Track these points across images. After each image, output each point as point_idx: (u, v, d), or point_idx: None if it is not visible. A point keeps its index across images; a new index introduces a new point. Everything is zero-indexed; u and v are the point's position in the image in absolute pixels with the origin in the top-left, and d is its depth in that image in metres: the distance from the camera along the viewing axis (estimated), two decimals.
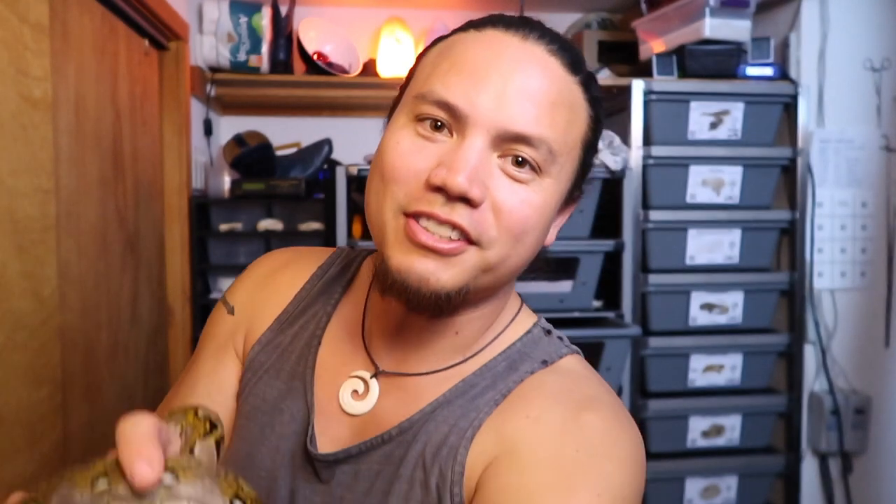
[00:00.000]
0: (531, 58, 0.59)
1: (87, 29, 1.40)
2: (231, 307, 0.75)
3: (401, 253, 0.57)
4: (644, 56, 1.98)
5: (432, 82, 0.59)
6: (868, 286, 1.96)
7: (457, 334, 0.65)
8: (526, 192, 0.58)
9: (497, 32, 0.60)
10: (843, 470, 1.96)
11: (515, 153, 0.57)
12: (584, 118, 0.63)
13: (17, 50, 1.09)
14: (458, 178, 0.54)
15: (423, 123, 0.58)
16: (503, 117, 0.56)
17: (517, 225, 0.58)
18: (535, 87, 0.58)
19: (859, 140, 1.94)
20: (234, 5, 2.17)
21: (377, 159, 0.61)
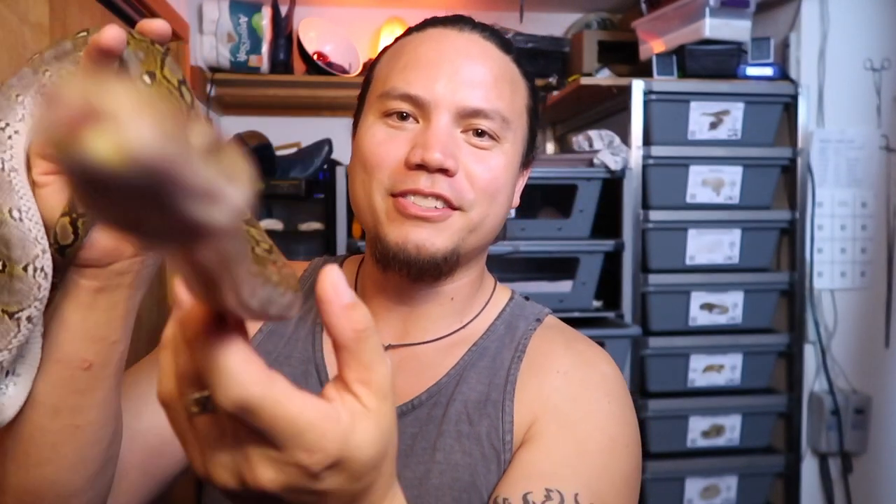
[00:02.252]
0: (471, 45, 0.70)
1: None
2: None
3: (396, 227, 0.66)
4: (644, 56, 1.98)
5: (392, 81, 0.68)
6: (868, 286, 1.96)
7: (452, 300, 0.73)
8: (490, 158, 0.68)
9: (437, 30, 0.71)
10: (843, 470, 1.96)
11: (475, 126, 0.67)
12: (523, 88, 0.73)
13: (17, 50, 1.09)
14: (434, 154, 0.64)
15: (390, 117, 0.68)
16: (459, 97, 0.66)
17: (490, 185, 0.68)
18: (480, 67, 0.68)
19: (859, 140, 1.94)
20: (234, 5, 2.17)
21: (357, 154, 0.70)
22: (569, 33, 2.40)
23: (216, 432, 0.33)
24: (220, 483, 0.34)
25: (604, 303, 1.85)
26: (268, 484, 0.32)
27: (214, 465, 0.34)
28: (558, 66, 2.23)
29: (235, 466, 0.33)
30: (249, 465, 0.32)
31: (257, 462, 0.32)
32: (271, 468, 0.32)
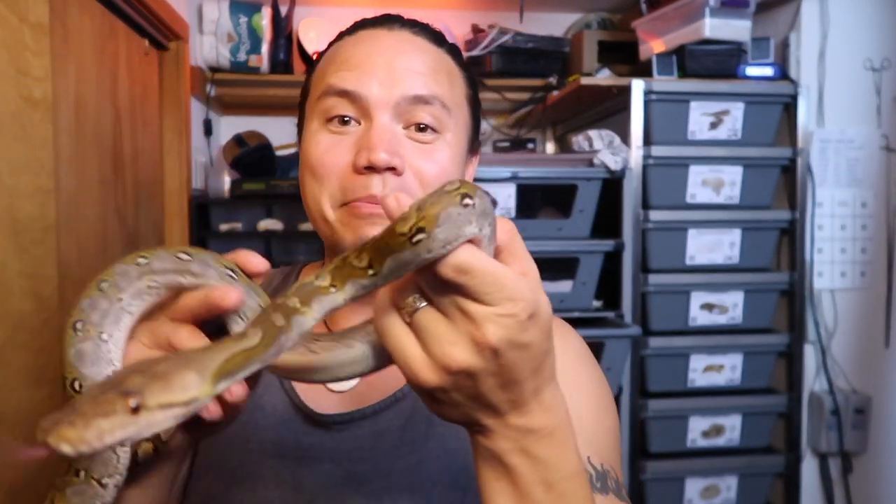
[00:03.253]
0: (402, 40, 0.70)
1: (87, 29, 1.40)
2: None
3: (351, 229, 0.66)
4: (644, 56, 1.98)
5: (328, 80, 0.68)
6: (868, 286, 1.96)
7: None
8: (435, 151, 0.68)
9: (367, 31, 0.71)
10: (843, 470, 1.96)
11: (416, 120, 0.67)
12: (461, 78, 0.74)
13: (17, 50, 1.09)
14: (380, 154, 0.63)
15: (332, 122, 0.68)
16: (397, 90, 0.66)
17: (438, 179, 0.67)
18: (414, 59, 0.68)
19: (859, 140, 1.94)
20: (234, 5, 2.17)
21: (304, 162, 0.70)
22: (569, 33, 2.40)
23: (435, 318, 0.41)
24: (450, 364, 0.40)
25: (604, 303, 1.85)
26: (492, 338, 0.39)
27: (442, 346, 0.40)
28: (558, 66, 2.23)
29: (460, 338, 0.40)
30: (476, 325, 0.39)
31: (481, 321, 0.39)
32: (492, 323, 0.39)
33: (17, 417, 1.10)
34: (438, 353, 0.40)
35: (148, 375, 0.36)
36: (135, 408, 0.34)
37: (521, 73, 2.22)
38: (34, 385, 1.15)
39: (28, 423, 1.13)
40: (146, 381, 0.35)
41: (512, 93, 2.26)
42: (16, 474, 1.09)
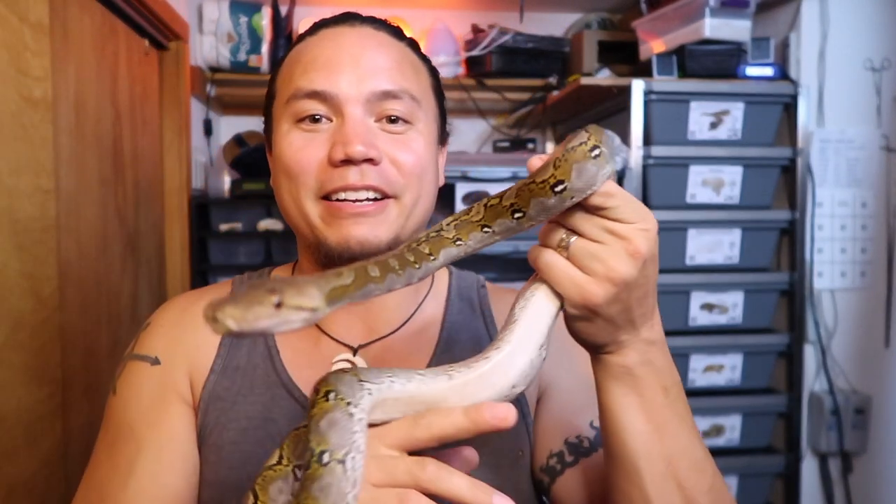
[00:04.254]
0: (365, 36, 0.71)
1: (87, 29, 1.40)
2: (153, 358, 0.72)
3: (334, 230, 0.66)
4: (644, 56, 1.98)
5: (296, 83, 0.68)
6: (868, 286, 1.96)
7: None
8: (408, 141, 0.69)
9: (329, 30, 0.72)
10: (843, 470, 1.96)
11: (388, 113, 0.68)
12: (425, 70, 0.75)
13: (17, 50, 1.09)
14: (356, 147, 0.64)
15: (303, 122, 0.68)
16: (366, 86, 0.67)
17: (415, 167, 0.68)
18: (379, 55, 0.69)
19: (859, 140, 1.94)
20: (234, 5, 2.17)
21: (278, 165, 0.70)
22: (569, 33, 2.40)
23: (590, 244, 0.49)
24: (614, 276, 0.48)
25: None
26: (643, 248, 0.49)
27: (605, 262, 0.48)
28: (558, 66, 2.23)
29: (617, 253, 0.48)
30: (628, 240, 0.48)
31: (632, 236, 0.48)
32: (639, 236, 0.48)
33: (17, 417, 1.10)
34: (603, 270, 0.48)
35: (284, 283, 0.42)
36: (277, 304, 0.41)
37: (521, 73, 2.22)
38: (34, 385, 1.15)
39: (27, 422, 1.13)
40: (284, 286, 0.42)
41: (512, 93, 2.26)
42: (16, 474, 1.09)
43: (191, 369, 0.72)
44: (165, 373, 0.71)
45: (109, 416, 0.71)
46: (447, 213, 1.99)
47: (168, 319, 0.75)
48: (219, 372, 0.72)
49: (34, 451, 1.15)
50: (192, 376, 0.72)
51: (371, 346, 0.73)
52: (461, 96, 2.26)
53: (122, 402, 0.70)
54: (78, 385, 1.33)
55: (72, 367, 1.30)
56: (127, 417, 0.69)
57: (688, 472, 0.56)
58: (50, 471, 1.20)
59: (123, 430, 0.69)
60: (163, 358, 0.71)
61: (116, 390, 0.71)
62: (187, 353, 0.72)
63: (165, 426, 0.69)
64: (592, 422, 0.69)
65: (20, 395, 1.10)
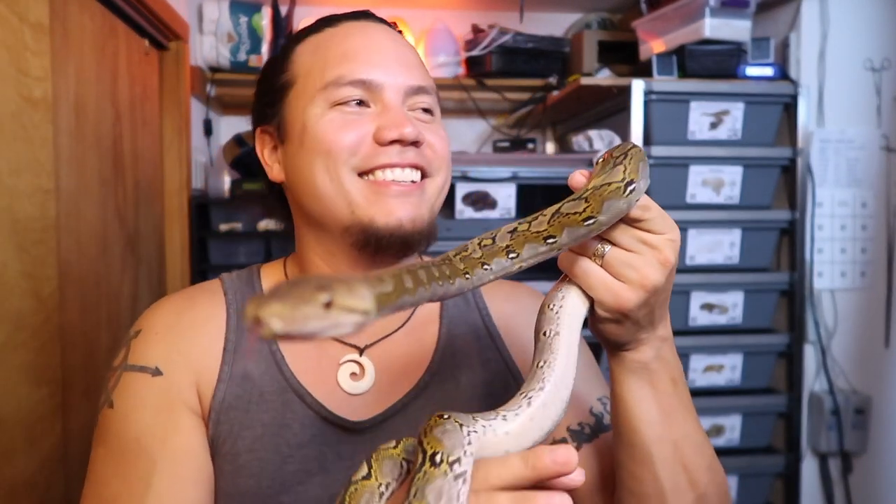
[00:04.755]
0: (388, 34, 0.75)
1: (87, 29, 1.40)
2: (154, 368, 0.68)
3: (381, 206, 0.68)
4: (644, 56, 1.98)
5: (335, 70, 0.70)
6: (868, 286, 1.96)
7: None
8: (437, 129, 0.74)
9: (351, 23, 0.74)
10: (843, 470, 1.96)
11: (418, 105, 0.73)
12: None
13: (17, 50, 1.09)
14: (408, 129, 0.68)
15: (344, 105, 0.70)
16: (404, 78, 0.71)
17: (445, 151, 0.74)
18: (406, 52, 0.74)
19: (859, 140, 1.94)
20: (234, 5, 2.17)
21: (312, 145, 0.69)
22: (569, 33, 2.40)
23: (624, 254, 0.53)
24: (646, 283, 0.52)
25: None
26: (671, 257, 0.52)
27: (639, 270, 0.52)
28: (558, 66, 2.23)
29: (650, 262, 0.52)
30: (659, 250, 0.52)
31: (662, 246, 0.52)
32: (668, 246, 0.53)
33: (18, 417, 1.10)
34: (637, 277, 0.52)
35: (333, 280, 0.38)
36: (327, 303, 0.37)
37: (521, 73, 2.22)
38: (34, 385, 1.15)
39: (27, 422, 1.13)
40: (334, 283, 0.38)
41: (512, 93, 2.26)
42: (16, 474, 1.09)
43: (196, 378, 0.69)
44: (169, 383, 0.68)
45: (107, 431, 0.67)
46: (447, 213, 1.97)
47: (162, 325, 0.72)
48: (227, 380, 0.70)
49: (34, 451, 1.14)
50: (199, 386, 0.69)
51: (375, 345, 0.73)
52: (461, 96, 2.26)
53: (122, 415, 0.67)
54: (78, 385, 1.33)
55: (72, 367, 1.30)
56: (131, 432, 0.66)
57: (691, 454, 0.61)
58: (50, 471, 1.20)
59: (130, 446, 0.66)
60: (164, 368, 0.69)
61: (114, 404, 0.68)
62: (190, 362, 0.70)
63: (178, 439, 0.66)
64: (592, 408, 0.73)
65: (20, 395, 1.10)
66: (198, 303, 0.74)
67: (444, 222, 1.77)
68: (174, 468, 0.65)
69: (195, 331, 0.71)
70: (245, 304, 0.38)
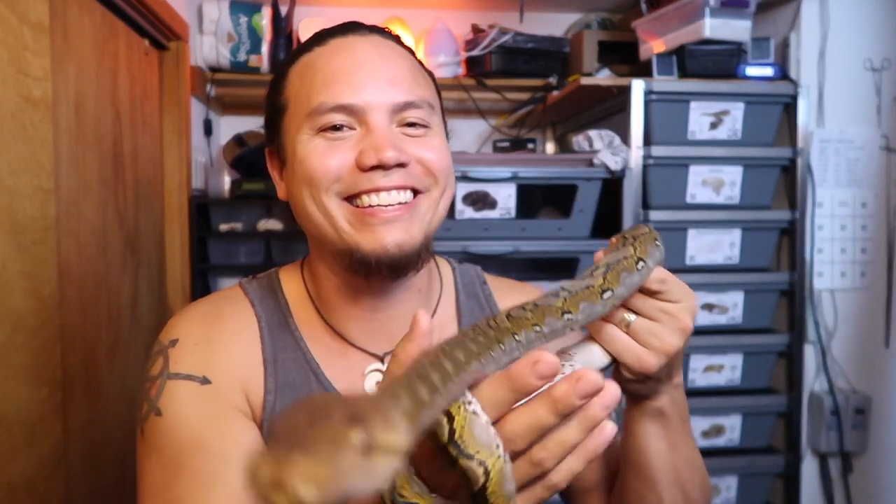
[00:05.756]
0: (378, 46, 0.73)
1: (87, 29, 1.40)
2: (201, 377, 0.69)
3: (367, 234, 0.68)
4: (644, 56, 1.98)
5: (317, 97, 0.69)
6: (868, 286, 1.96)
7: (419, 291, 0.77)
8: (429, 140, 0.72)
9: (339, 39, 0.73)
10: (843, 470, 1.96)
11: (408, 120, 0.71)
12: (426, 74, 0.77)
13: (17, 50, 1.09)
14: (388, 153, 0.66)
15: (325, 132, 0.69)
16: (389, 96, 0.69)
17: (440, 164, 0.72)
18: (394, 65, 0.72)
19: (859, 140, 1.94)
20: (234, 5, 2.17)
21: (297, 173, 0.70)
22: (569, 33, 2.40)
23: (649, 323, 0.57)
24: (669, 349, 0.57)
25: None
26: (690, 324, 0.58)
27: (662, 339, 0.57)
28: (558, 66, 2.23)
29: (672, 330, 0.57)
30: (679, 319, 0.57)
31: (682, 315, 0.57)
32: (687, 314, 0.58)
33: (18, 417, 1.10)
34: (659, 344, 0.57)
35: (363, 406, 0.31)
36: (365, 446, 0.29)
37: (521, 73, 2.22)
38: (33, 385, 1.15)
39: (27, 422, 1.13)
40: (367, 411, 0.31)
41: (512, 93, 2.26)
42: (16, 474, 1.09)
43: (244, 388, 0.71)
44: (220, 391, 0.69)
45: (159, 438, 0.67)
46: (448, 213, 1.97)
47: (198, 335, 0.72)
48: (274, 391, 0.71)
49: (34, 451, 1.14)
50: (248, 395, 0.71)
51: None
52: (461, 96, 2.26)
53: (175, 421, 0.67)
54: (78, 385, 1.33)
55: (72, 367, 1.30)
56: (189, 436, 0.66)
57: (688, 475, 0.69)
58: (50, 471, 1.20)
59: (190, 448, 0.66)
60: (211, 377, 0.70)
61: (162, 412, 0.68)
62: (235, 372, 0.71)
63: (243, 439, 0.67)
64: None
65: (20, 395, 1.10)
66: (227, 314, 0.75)
67: (444, 222, 1.76)
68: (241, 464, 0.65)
69: (231, 343, 0.72)
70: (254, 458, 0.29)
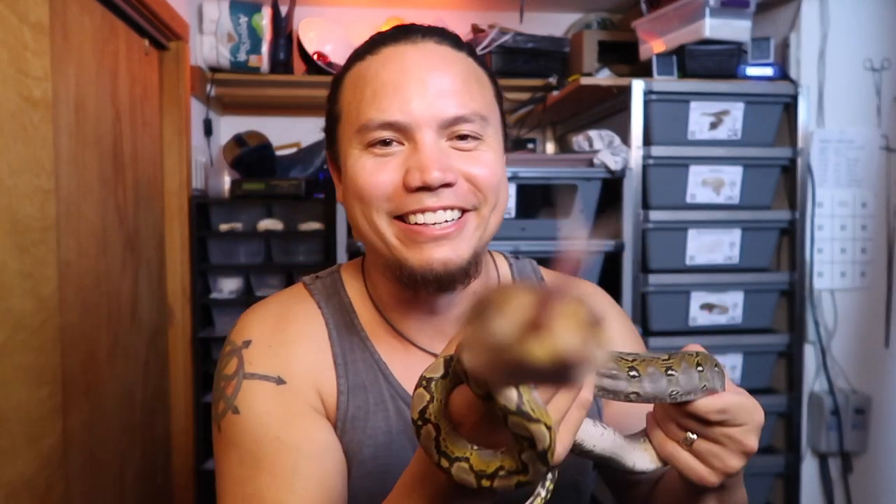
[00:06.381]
0: (430, 55, 0.70)
1: (87, 29, 1.40)
2: (276, 377, 0.71)
3: (416, 252, 0.68)
4: (644, 56, 1.98)
5: (367, 113, 0.68)
6: (868, 286, 1.96)
7: (475, 293, 0.76)
8: (480, 155, 0.70)
9: (391, 48, 0.71)
10: (843, 470, 1.96)
11: (458, 133, 0.69)
12: (487, 80, 0.74)
13: (17, 50, 1.09)
14: (433, 174, 0.65)
15: (374, 147, 0.68)
16: (437, 111, 0.67)
17: (490, 181, 0.70)
18: (446, 76, 0.69)
19: (859, 140, 1.94)
20: (234, 5, 2.17)
21: (350, 189, 0.71)
22: (569, 33, 2.40)
23: (712, 446, 0.60)
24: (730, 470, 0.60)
25: None
26: (754, 445, 0.60)
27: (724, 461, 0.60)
28: (558, 66, 2.23)
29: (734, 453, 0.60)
30: (742, 443, 0.59)
31: (745, 439, 0.59)
32: (752, 435, 0.59)
33: (18, 417, 1.10)
34: (721, 466, 0.60)
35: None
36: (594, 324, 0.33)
37: (521, 73, 2.22)
38: (33, 385, 1.15)
39: (27, 422, 1.13)
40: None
41: (512, 93, 2.26)
42: (16, 474, 1.09)
43: (318, 388, 0.72)
44: (296, 391, 0.71)
45: (238, 435, 0.69)
46: None
47: (273, 338, 0.74)
48: (347, 392, 0.72)
49: (34, 451, 1.14)
50: (323, 397, 0.72)
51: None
52: None
53: (254, 419, 0.69)
54: (78, 385, 1.33)
55: (72, 367, 1.30)
56: (269, 433, 0.68)
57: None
58: (50, 471, 1.20)
59: (271, 444, 0.67)
60: (287, 378, 0.71)
61: (239, 410, 0.69)
62: (309, 372, 0.72)
63: (320, 436, 0.69)
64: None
65: (20, 395, 1.10)
66: (295, 315, 0.76)
67: None
68: (321, 460, 0.67)
69: (302, 346, 0.73)
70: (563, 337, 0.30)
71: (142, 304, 1.72)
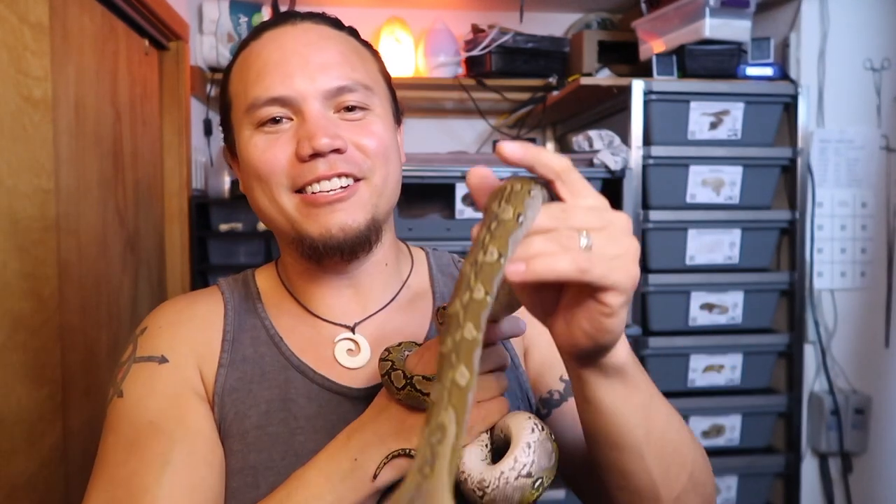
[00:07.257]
0: (307, 33, 0.73)
1: (87, 29, 1.40)
2: (160, 357, 0.72)
3: (313, 220, 0.70)
4: (644, 56, 1.98)
5: (252, 92, 0.71)
6: (868, 286, 1.96)
7: (387, 265, 0.79)
8: (368, 125, 0.72)
9: (272, 32, 0.74)
10: (843, 470, 1.96)
11: (345, 104, 0.71)
12: (370, 56, 0.78)
13: (17, 50, 1.09)
14: (322, 140, 0.68)
15: (264, 126, 0.71)
16: (319, 83, 0.70)
17: (379, 148, 0.72)
18: (326, 50, 0.72)
19: (859, 140, 1.94)
20: (234, 5, 2.17)
21: (247, 170, 0.73)
22: (569, 33, 2.40)
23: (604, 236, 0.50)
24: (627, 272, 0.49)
25: None
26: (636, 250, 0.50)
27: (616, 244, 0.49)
28: (558, 66, 2.23)
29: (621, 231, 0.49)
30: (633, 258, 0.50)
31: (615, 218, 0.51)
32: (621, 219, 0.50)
33: (18, 417, 1.10)
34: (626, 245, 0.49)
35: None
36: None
37: (521, 73, 2.22)
38: (33, 385, 1.15)
39: (27, 422, 1.13)
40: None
41: (512, 93, 2.26)
42: (16, 474, 1.09)
43: (200, 365, 0.73)
44: (176, 370, 0.72)
45: (119, 419, 0.70)
46: (448, 213, 1.96)
47: (165, 320, 0.76)
48: (227, 365, 0.73)
49: (34, 451, 1.14)
50: (203, 372, 0.73)
51: (366, 322, 0.77)
52: (461, 96, 2.26)
53: (133, 403, 0.70)
54: (78, 385, 1.33)
55: (72, 367, 1.30)
56: (145, 416, 0.68)
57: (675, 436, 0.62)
58: (50, 471, 1.20)
59: (144, 429, 0.68)
60: (169, 356, 0.72)
61: (123, 393, 0.71)
62: (193, 350, 0.73)
63: (191, 421, 0.69)
64: (561, 376, 0.77)
65: (20, 395, 1.10)
66: (198, 301, 0.79)
67: (444, 222, 1.77)
68: (190, 446, 0.67)
69: (195, 323, 0.75)
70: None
71: (142, 304, 1.72)
